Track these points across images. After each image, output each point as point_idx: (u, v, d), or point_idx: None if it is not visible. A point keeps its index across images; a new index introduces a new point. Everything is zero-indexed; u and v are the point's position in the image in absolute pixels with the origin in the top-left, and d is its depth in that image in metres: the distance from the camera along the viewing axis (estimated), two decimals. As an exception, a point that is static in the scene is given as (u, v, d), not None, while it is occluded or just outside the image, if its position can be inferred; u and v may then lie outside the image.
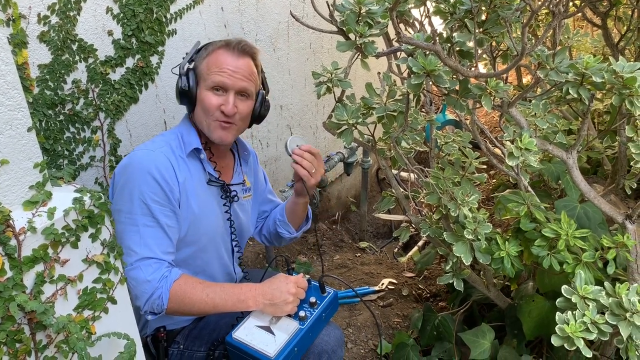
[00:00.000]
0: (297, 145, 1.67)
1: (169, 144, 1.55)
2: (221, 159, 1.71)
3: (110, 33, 1.80)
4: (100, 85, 1.81)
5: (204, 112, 1.57)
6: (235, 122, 1.58)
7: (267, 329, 1.48)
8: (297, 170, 1.65)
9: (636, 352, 1.31)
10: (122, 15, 1.81)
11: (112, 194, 1.52)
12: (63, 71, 1.68)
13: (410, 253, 3.13)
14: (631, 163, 1.41)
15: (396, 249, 3.34)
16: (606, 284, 1.39)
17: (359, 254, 3.06)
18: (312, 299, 1.56)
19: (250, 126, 1.70)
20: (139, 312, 1.45)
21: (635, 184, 1.96)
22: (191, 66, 1.59)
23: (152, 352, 1.65)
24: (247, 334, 1.47)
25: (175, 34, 2.06)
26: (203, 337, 1.65)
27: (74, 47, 1.69)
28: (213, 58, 1.56)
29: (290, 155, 1.66)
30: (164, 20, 1.97)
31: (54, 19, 1.61)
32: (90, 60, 1.76)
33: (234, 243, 1.74)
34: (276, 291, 1.51)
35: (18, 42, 1.50)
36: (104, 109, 1.84)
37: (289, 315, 1.52)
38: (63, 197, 1.13)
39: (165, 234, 1.48)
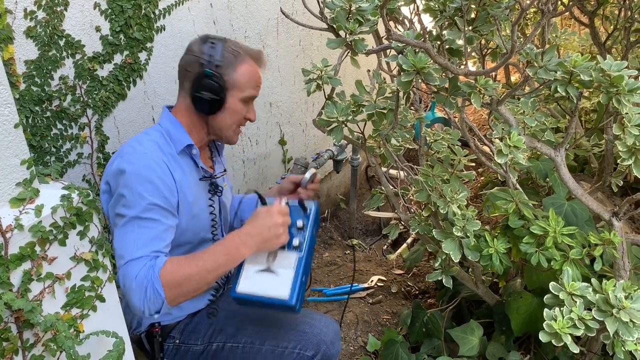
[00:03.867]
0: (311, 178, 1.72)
1: (156, 143, 1.52)
2: (203, 151, 1.71)
3: (98, 29, 1.78)
4: (88, 82, 1.79)
5: (233, 120, 1.60)
6: None
7: (269, 271, 1.44)
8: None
9: (622, 348, 1.33)
10: (110, 11, 1.79)
11: (106, 199, 1.48)
12: (50, 67, 1.66)
13: (399, 250, 3.13)
14: (618, 161, 1.43)
15: (385, 246, 3.35)
16: (593, 280, 1.40)
17: (349, 252, 3.06)
18: (299, 223, 1.50)
19: None
20: (143, 316, 1.43)
21: (622, 182, 1.98)
22: (217, 70, 1.53)
23: (146, 348, 1.64)
24: (250, 284, 1.42)
25: (164, 30, 2.04)
26: (199, 331, 1.64)
27: (61, 43, 1.68)
28: (248, 71, 1.58)
29: (305, 187, 1.72)
30: (152, 16, 1.96)
31: (41, 14, 1.59)
32: (78, 56, 1.74)
33: (218, 233, 1.74)
34: (263, 228, 1.44)
35: (4, 38, 1.48)
36: (91, 105, 1.82)
37: (282, 248, 1.46)
38: (51, 194, 1.12)
39: (159, 233, 1.43)
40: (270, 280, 1.41)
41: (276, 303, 1.39)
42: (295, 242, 1.46)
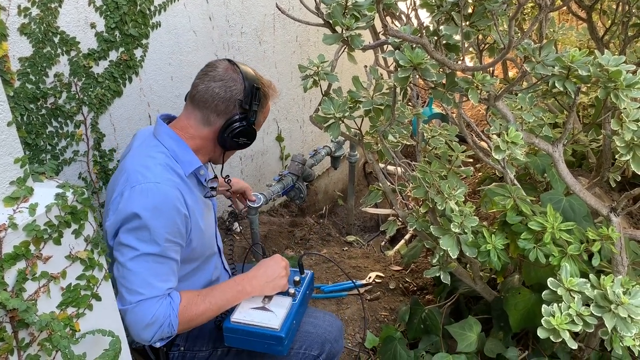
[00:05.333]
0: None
1: (166, 167, 1.44)
2: None
3: (93, 25, 1.77)
4: (83, 79, 1.78)
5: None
6: None
7: (263, 309, 1.53)
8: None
9: (620, 344, 1.33)
10: (104, 7, 1.78)
11: (113, 224, 1.39)
12: (45, 64, 1.65)
13: (397, 246, 3.13)
14: (616, 156, 1.42)
15: (383, 242, 3.34)
16: (591, 276, 1.40)
17: (346, 248, 3.06)
18: (296, 278, 1.64)
19: None
20: (146, 344, 1.44)
21: (620, 177, 1.98)
22: (253, 109, 1.51)
23: (151, 358, 1.62)
24: (245, 315, 1.50)
25: (160, 26, 2.03)
26: (204, 337, 1.64)
27: (56, 40, 1.66)
28: (268, 109, 1.61)
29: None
30: (147, 12, 1.95)
31: (35, 11, 1.58)
32: (73, 53, 1.73)
33: (220, 241, 1.75)
34: (268, 269, 1.56)
35: (-3, 35, 1.47)
36: (87, 102, 1.81)
37: (278, 294, 1.58)
38: (45, 192, 1.11)
39: (172, 270, 1.44)
40: (264, 315, 1.51)
41: (267, 333, 1.47)
42: (291, 291, 1.59)
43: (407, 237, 3.24)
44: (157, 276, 1.40)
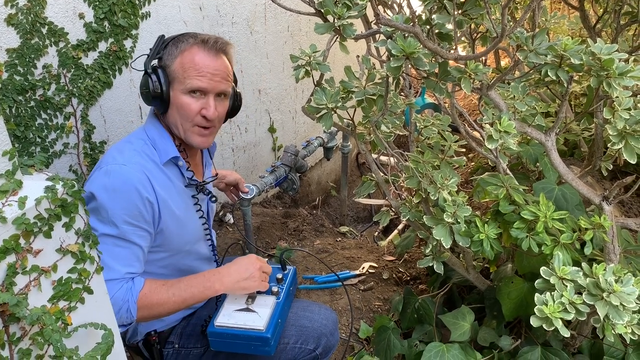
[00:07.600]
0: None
1: (140, 153, 1.44)
2: (192, 157, 1.65)
3: (81, 16, 1.74)
4: (72, 70, 1.76)
5: (181, 117, 1.48)
6: (215, 125, 1.53)
7: (247, 310, 1.50)
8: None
9: (612, 331, 1.34)
10: (93, -3, 1.75)
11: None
12: (33, 55, 1.63)
13: (390, 237, 3.13)
14: (608, 145, 1.42)
15: (376, 232, 3.35)
16: (583, 264, 1.40)
17: (340, 239, 3.06)
18: (279, 275, 1.62)
19: (225, 121, 1.65)
20: None
21: (611, 166, 1.98)
22: (160, 63, 1.47)
23: (145, 356, 1.61)
24: (228, 318, 1.48)
25: (149, 16, 2.01)
26: (198, 334, 1.63)
27: (44, 31, 1.64)
28: (188, 58, 1.45)
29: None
30: (137, 2, 1.92)
31: (22, 1, 1.56)
32: (61, 44, 1.71)
33: (208, 237, 1.74)
34: (240, 267, 1.51)
35: (-16, 25, 1.45)
36: (76, 94, 1.79)
37: (261, 294, 1.55)
38: (34, 185, 1.09)
39: (134, 254, 1.42)
40: (248, 316, 1.49)
41: (252, 335, 1.45)
42: (274, 289, 1.56)
43: (400, 227, 3.24)
44: (116, 259, 1.38)
